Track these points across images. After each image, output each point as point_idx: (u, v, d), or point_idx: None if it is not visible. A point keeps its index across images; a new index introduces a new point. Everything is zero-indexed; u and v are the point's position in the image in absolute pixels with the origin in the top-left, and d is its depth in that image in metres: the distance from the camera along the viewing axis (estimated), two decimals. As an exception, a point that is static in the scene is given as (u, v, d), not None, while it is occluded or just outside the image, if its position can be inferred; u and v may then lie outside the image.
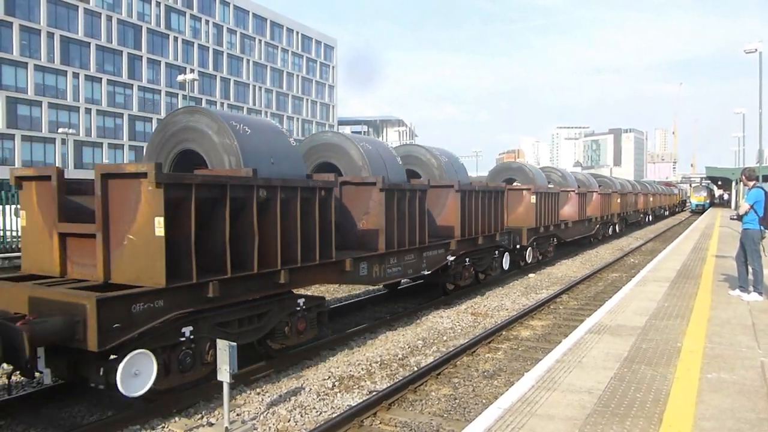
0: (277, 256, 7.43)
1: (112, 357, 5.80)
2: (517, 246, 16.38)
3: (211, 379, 6.56)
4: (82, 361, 5.97)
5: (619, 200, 31.83)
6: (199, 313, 6.62)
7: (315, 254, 8.13)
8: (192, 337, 6.53)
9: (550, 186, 21.16)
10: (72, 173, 46.19)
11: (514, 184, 19.39)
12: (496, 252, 14.93)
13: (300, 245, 7.80)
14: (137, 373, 5.83)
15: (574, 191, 23.57)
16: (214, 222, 6.75)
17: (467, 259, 13.21)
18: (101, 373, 5.80)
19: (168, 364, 6.28)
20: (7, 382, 6.76)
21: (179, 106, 75.54)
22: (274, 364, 8.09)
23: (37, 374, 5.97)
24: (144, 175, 5.93)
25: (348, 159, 10.60)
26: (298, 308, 8.17)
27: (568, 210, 22.67)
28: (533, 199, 17.63)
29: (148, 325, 5.95)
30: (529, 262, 17.48)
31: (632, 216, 37.11)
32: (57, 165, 59.48)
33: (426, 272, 11.39)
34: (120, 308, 5.67)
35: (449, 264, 12.25)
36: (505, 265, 15.50)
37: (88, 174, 14.99)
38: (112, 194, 6.26)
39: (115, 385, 5.67)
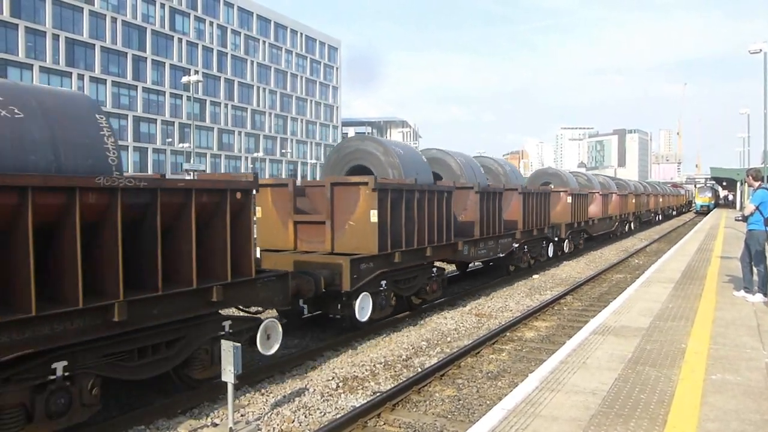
0: (425, 237, 10.93)
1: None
2: (556, 238, 19.89)
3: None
4: (326, 301, 9.47)
5: (634, 200, 35.53)
6: (387, 273, 10.07)
7: (443, 237, 11.60)
8: (385, 287, 10.05)
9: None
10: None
11: (550, 186, 22.39)
12: (544, 242, 18.72)
13: (436, 230, 11.24)
14: (363, 308, 9.49)
15: (598, 193, 26.92)
16: (395, 212, 10.04)
17: (525, 247, 16.84)
18: (339, 307, 9.48)
19: (375, 304, 9.73)
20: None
21: (183, 108, 75.48)
22: (278, 365, 8.11)
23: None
24: (365, 183, 9.58)
25: (449, 169, 14.58)
26: (434, 274, 11.72)
27: (594, 209, 25.84)
28: (569, 199, 21.37)
29: (368, 278, 9.50)
30: (566, 251, 21.15)
31: (645, 215, 40.26)
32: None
33: (501, 254, 15.02)
34: (356, 266, 9.23)
35: (514, 250, 15.79)
36: (550, 253, 19.32)
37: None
38: (337, 196, 9.88)
39: (353, 314, 9.34)
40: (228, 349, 5.88)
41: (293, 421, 6.38)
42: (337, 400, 7.03)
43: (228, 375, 5.87)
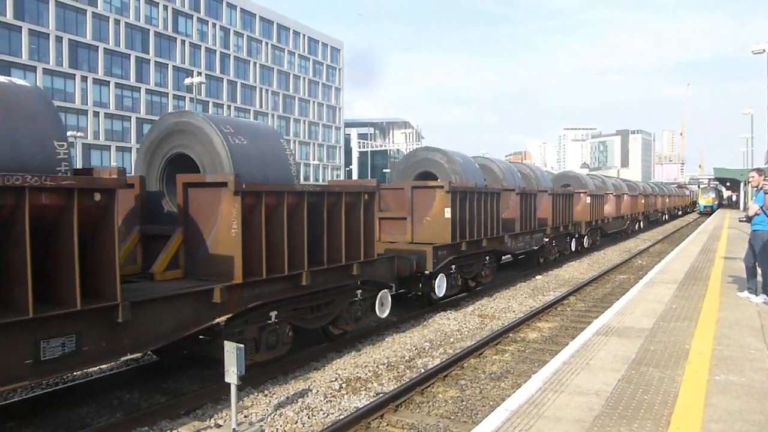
0: (482, 230, 13.29)
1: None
2: (577, 235, 22.22)
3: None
4: (409, 281, 11.53)
5: (643, 201, 38.46)
6: (456, 258, 12.35)
7: (494, 231, 13.96)
8: (454, 270, 12.44)
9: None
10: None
11: (570, 188, 23.90)
12: (567, 237, 21.04)
13: (489, 225, 13.61)
14: (440, 286, 11.88)
15: (612, 194, 29.33)
16: (462, 209, 12.45)
17: (553, 241, 19.31)
18: (421, 286, 11.79)
19: (448, 283, 12.10)
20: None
21: (186, 109, 75.77)
22: (281, 366, 8.12)
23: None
24: (441, 187, 12.00)
25: (492, 173, 16.86)
26: (486, 261, 14.04)
27: (608, 208, 28.19)
28: (588, 200, 23.92)
29: (443, 262, 11.75)
30: (586, 246, 23.70)
31: (653, 215, 43.28)
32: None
33: (535, 247, 17.62)
34: (436, 252, 11.48)
35: (545, 244, 18.34)
36: (572, 247, 21.76)
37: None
38: (417, 197, 12.20)
39: (433, 290, 11.73)
40: (231, 350, 5.88)
41: (296, 422, 6.38)
42: (340, 401, 7.03)
43: (231, 376, 5.87)
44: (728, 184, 69.74)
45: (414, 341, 9.79)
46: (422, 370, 8.11)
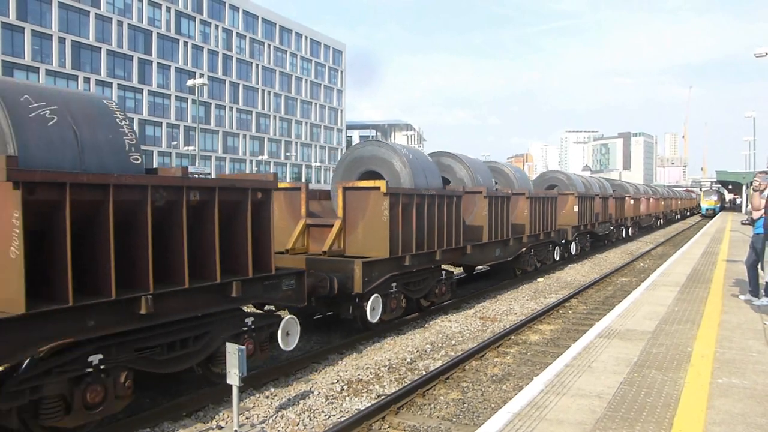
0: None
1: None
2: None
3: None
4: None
5: (663, 203, 47.41)
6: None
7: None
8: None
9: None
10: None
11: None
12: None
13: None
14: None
15: (644, 197, 37.63)
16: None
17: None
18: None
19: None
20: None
21: (189, 111, 75.53)
22: (283, 368, 8.11)
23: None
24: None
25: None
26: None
27: (642, 208, 37.15)
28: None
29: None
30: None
31: (669, 214, 51.48)
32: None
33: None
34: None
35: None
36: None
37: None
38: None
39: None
40: (233, 352, 5.88)
41: (298, 424, 6.38)
42: (342, 403, 7.02)
43: (233, 377, 5.87)
44: (730, 187, 69.64)
45: (415, 343, 9.78)
46: (424, 372, 8.10)
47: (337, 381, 7.73)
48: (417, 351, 9.33)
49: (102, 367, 5.50)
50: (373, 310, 9.56)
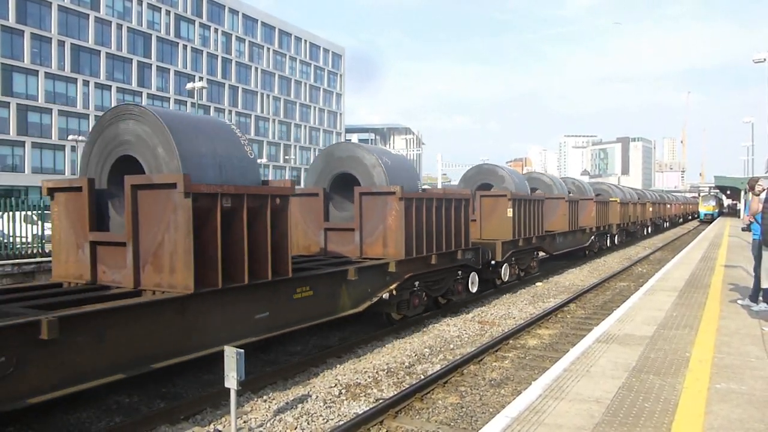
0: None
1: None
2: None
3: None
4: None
5: (673, 207, 54.38)
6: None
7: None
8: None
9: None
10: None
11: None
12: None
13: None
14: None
15: (667, 203, 43.26)
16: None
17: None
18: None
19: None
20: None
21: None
22: (281, 372, 8.10)
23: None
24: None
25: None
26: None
27: (671, 210, 42.93)
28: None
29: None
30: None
31: (674, 218, 56.62)
32: (67, 172, 59.97)
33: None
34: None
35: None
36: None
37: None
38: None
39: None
40: (231, 355, 5.88)
41: (296, 427, 6.37)
42: (340, 406, 7.02)
43: (231, 381, 5.86)
44: (728, 192, 69.71)
45: (414, 347, 9.77)
46: (422, 377, 8.10)
47: (336, 385, 7.72)
48: (415, 355, 9.32)
49: (415, 288, 10.95)
50: (505, 273, 15.20)
